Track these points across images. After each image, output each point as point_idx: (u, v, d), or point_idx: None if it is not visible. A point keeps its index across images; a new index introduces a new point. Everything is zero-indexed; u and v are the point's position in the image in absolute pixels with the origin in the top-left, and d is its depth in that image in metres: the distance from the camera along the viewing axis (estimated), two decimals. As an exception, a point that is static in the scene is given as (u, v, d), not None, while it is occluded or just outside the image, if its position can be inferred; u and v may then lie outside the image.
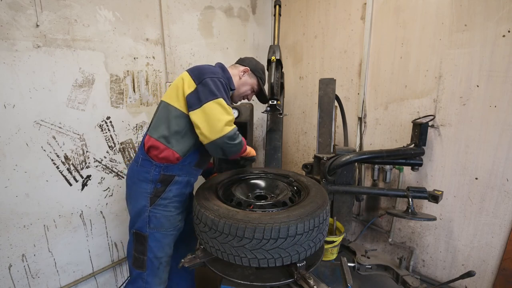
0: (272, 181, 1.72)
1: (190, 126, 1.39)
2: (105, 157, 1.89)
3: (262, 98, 1.90)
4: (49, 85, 1.58)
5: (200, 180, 1.79)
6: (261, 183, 1.71)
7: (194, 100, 1.34)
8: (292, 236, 1.15)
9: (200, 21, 2.36)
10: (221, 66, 1.60)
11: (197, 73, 1.41)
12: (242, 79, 1.66)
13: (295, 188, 1.62)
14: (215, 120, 1.30)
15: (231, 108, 1.39)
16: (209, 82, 1.35)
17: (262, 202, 1.42)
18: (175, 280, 1.81)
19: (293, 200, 1.49)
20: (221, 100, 1.32)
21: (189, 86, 1.38)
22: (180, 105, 1.41)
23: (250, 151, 1.65)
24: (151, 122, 1.53)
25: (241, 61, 1.73)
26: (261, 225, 1.13)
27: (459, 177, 1.96)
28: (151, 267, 1.45)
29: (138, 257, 1.46)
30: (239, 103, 2.25)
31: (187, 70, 1.45)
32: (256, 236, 1.12)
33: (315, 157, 2.04)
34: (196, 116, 1.33)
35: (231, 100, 1.72)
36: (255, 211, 1.29)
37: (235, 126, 1.37)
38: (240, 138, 1.41)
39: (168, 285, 1.84)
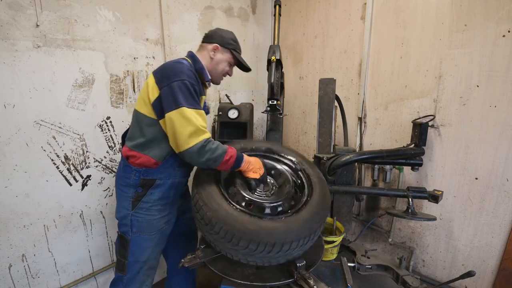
0: (277, 166, 1.60)
1: (165, 132, 1.34)
2: (105, 157, 1.89)
3: (243, 68, 1.66)
4: (49, 85, 1.58)
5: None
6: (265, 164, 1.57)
7: (159, 109, 1.29)
8: (287, 249, 1.17)
9: (200, 21, 2.36)
10: (191, 56, 1.48)
11: (160, 76, 1.31)
12: (214, 59, 1.51)
13: (299, 181, 1.53)
14: (177, 133, 1.24)
15: (199, 113, 1.27)
16: (171, 88, 1.25)
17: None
18: (176, 280, 1.80)
19: (295, 199, 1.46)
20: (183, 109, 1.22)
21: (153, 92, 1.31)
22: (150, 112, 1.34)
23: (248, 168, 1.40)
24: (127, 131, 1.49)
25: (207, 38, 1.54)
26: (256, 239, 1.13)
27: (459, 177, 1.96)
28: (131, 271, 1.43)
29: (119, 260, 1.45)
30: (239, 103, 2.25)
31: (153, 72, 1.36)
32: (251, 247, 1.14)
33: (315, 157, 2.04)
34: (164, 125, 1.31)
35: (213, 83, 1.60)
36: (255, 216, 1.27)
37: (204, 136, 1.25)
38: (214, 149, 1.28)
39: (169, 285, 1.84)
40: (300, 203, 1.39)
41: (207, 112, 1.59)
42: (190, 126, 1.23)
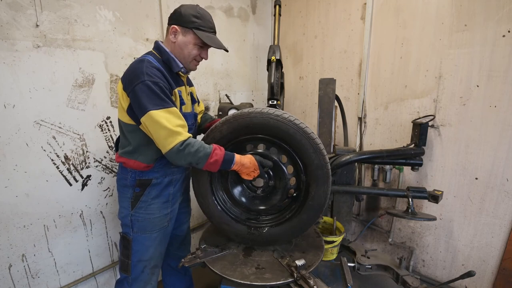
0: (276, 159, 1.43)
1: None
2: (105, 157, 1.89)
3: (218, 47, 1.38)
4: (49, 85, 1.58)
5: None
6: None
7: (134, 115, 1.26)
8: None
9: (200, 21, 2.35)
10: (157, 47, 1.37)
11: (125, 82, 1.25)
12: (176, 42, 1.34)
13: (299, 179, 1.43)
14: (154, 137, 1.23)
15: (170, 112, 1.20)
16: (134, 93, 1.19)
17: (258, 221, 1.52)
18: (172, 280, 1.80)
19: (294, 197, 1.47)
20: (150, 114, 1.17)
21: (124, 99, 1.27)
22: (128, 119, 1.30)
23: (241, 170, 1.33)
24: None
25: (168, 20, 1.37)
26: None
27: (459, 177, 1.96)
28: (135, 271, 1.43)
29: (123, 260, 1.45)
30: (239, 103, 2.24)
31: (121, 78, 1.30)
32: None
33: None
34: (144, 129, 1.28)
35: (188, 70, 1.43)
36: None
37: (179, 137, 1.19)
38: (194, 152, 1.21)
39: (165, 286, 1.83)
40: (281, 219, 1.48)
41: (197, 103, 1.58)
42: (162, 130, 1.18)
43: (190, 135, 1.25)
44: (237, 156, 1.32)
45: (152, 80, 1.19)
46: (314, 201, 1.35)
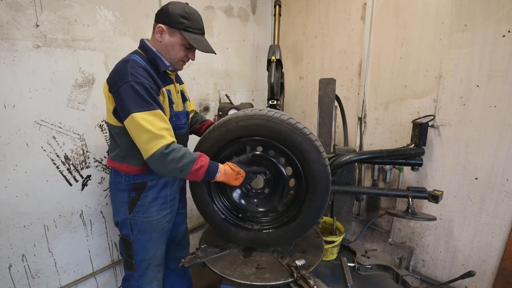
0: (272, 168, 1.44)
1: None
2: (105, 157, 1.89)
3: (206, 51, 1.32)
4: (49, 85, 1.58)
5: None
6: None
7: (120, 118, 1.22)
8: None
9: (200, 21, 2.35)
10: (142, 46, 1.32)
11: (110, 83, 1.21)
12: (162, 42, 1.28)
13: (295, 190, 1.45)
14: (136, 142, 1.19)
15: (154, 114, 1.15)
16: (118, 95, 1.15)
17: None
18: (171, 282, 1.79)
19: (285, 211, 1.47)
20: (132, 116, 1.12)
21: (110, 101, 1.24)
22: (115, 121, 1.27)
23: (226, 179, 1.29)
24: None
25: (155, 17, 1.30)
26: None
27: (459, 177, 1.96)
28: (139, 268, 1.44)
29: (126, 260, 1.45)
30: (239, 103, 2.24)
31: (106, 79, 1.26)
32: None
33: (315, 157, 2.03)
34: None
35: (175, 68, 1.38)
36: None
37: (162, 141, 1.14)
38: (179, 158, 1.16)
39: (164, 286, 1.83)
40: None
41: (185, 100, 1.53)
42: (145, 133, 1.13)
43: (174, 139, 1.20)
44: (221, 166, 1.29)
45: (137, 81, 1.15)
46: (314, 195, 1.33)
